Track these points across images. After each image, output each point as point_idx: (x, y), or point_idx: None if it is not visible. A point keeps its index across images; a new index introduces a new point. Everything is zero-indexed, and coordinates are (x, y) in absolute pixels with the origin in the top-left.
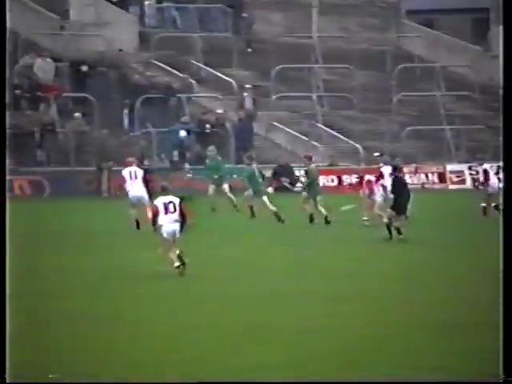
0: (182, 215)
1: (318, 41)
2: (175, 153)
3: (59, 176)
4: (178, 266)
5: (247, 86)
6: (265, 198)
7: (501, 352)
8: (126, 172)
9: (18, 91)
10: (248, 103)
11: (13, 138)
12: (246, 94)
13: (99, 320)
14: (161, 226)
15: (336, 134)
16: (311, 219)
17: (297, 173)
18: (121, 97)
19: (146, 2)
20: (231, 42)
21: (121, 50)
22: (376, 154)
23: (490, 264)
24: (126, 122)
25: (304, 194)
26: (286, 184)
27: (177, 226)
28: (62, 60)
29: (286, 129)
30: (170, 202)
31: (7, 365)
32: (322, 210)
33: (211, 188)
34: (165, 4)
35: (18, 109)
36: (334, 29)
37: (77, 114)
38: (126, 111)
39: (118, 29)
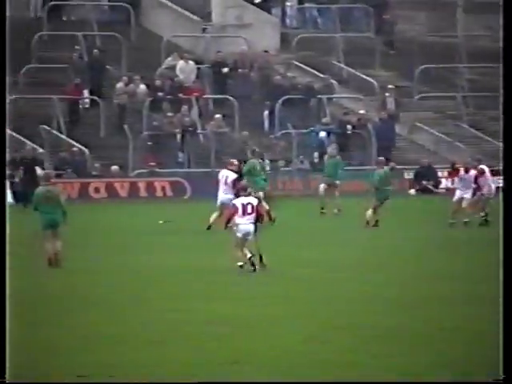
0: (258, 216)
1: (463, 40)
2: (315, 154)
3: (200, 177)
4: (241, 266)
5: (389, 86)
6: (260, 193)
7: (501, 352)
8: (220, 174)
9: (160, 93)
10: (390, 104)
11: (154, 140)
12: (388, 94)
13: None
14: (237, 225)
15: (481, 134)
16: (370, 223)
17: (439, 174)
18: (261, 98)
19: (288, 3)
20: (373, 42)
21: (266, 52)
22: None
23: None
24: (266, 123)
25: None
26: (429, 186)
27: (251, 227)
28: (203, 62)
29: (429, 129)
30: (249, 204)
31: (7, 365)
32: (368, 213)
33: (322, 187)
34: (306, 5)
35: (159, 111)
36: (479, 27)
37: (217, 116)
38: (266, 112)
39: (260, 30)
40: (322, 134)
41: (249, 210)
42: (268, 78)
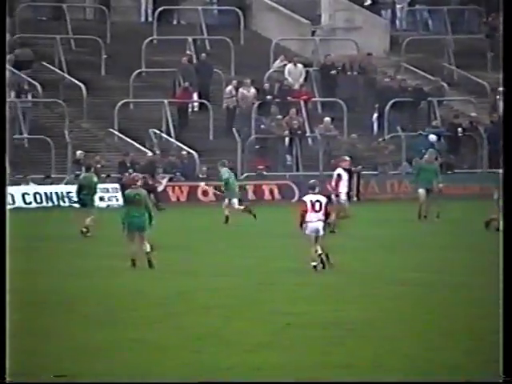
0: (326, 214)
1: None
2: (425, 157)
3: (308, 180)
4: (315, 266)
5: (501, 88)
6: (235, 200)
7: (501, 352)
8: (335, 172)
9: (268, 96)
10: (501, 106)
11: (262, 143)
12: (499, 96)
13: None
14: (306, 223)
15: None
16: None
17: None
18: (370, 101)
19: (398, 6)
20: (485, 43)
21: (370, 54)
22: None
23: None
24: (375, 126)
25: None
26: None
27: (320, 225)
28: (312, 65)
29: None
30: (317, 201)
31: (7, 365)
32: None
33: (421, 193)
34: (417, 7)
35: (268, 114)
36: None
37: (326, 119)
38: (375, 115)
39: (369, 33)
40: (432, 137)
41: (317, 207)
42: (377, 80)
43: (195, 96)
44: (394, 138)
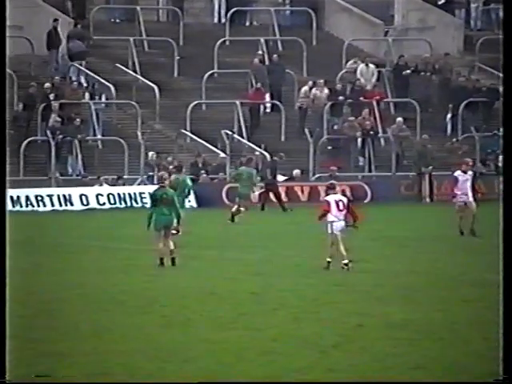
0: (351, 214)
1: None
2: (500, 158)
3: (380, 181)
4: (329, 262)
5: None
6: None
7: (501, 352)
8: (457, 174)
9: (340, 97)
10: None
11: (335, 144)
12: None
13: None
14: (331, 222)
15: None
16: None
17: None
18: (444, 101)
19: (473, 5)
20: None
21: (447, 54)
22: None
23: None
24: (448, 126)
25: None
26: None
27: (343, 224)
28: (384, 65)
29: None
30: (340, 200)
31: (7, 365)
32: None
33: None
34: (492, 6)
35: (340, 114)
36: None
37: (399, 119)
38: (449, 116)
39: (443, 32)
40: None
41: (341, 206)
42: (451, 80)
43: (267, 97)
44: (467, 139)
